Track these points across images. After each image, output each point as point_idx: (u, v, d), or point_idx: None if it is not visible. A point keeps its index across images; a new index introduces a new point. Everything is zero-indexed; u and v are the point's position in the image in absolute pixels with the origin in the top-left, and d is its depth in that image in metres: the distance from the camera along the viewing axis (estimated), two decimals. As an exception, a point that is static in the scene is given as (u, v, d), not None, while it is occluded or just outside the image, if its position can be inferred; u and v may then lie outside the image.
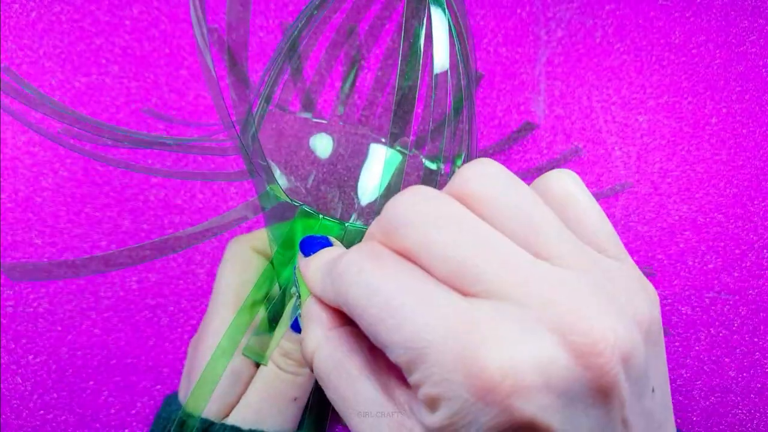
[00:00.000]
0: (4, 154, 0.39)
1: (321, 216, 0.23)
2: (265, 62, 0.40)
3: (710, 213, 0.41)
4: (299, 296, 0.20)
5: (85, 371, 0.37)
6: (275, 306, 0.30)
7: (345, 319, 0.18)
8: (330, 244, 0.21)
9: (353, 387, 0.16)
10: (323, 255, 0.20)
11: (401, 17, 0.23)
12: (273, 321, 0.30)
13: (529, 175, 0.41)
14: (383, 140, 0.31)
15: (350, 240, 0.23)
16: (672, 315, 0.40)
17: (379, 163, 0.28)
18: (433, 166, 0.30)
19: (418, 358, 0.14)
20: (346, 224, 0.22)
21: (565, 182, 0.18)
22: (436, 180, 0.30)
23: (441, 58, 0.23)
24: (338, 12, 0.29)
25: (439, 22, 0.23)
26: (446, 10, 0.23)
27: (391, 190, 0.28)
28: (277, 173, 0.31)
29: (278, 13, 0.42)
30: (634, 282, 0.16)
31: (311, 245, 0.21)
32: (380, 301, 0.15)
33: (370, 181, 0.26)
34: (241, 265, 0.29)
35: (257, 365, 0.28)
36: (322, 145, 0.32)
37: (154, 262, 0.38)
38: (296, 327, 0.27)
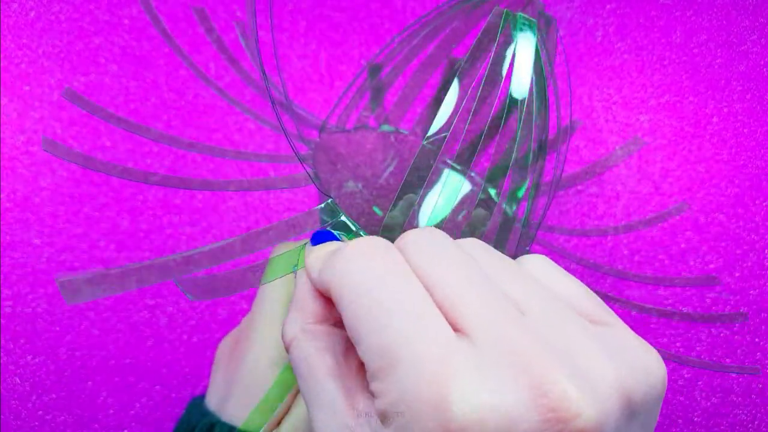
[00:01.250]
0: (3, 154, 0.39)
1: (358, 228, 0.23)
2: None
3: (711, 213, 0.41)
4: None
5: (84, 372, 0.37)
6: None
7: (327, 317, 0.19)
8: (338, 240, 0.21)
9: (317, 385, 0.17)
10: (330, 245, 0.20)
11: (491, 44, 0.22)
12: None
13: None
14: (456, 166, 0.30)
15: None
16: (673, 315, 0.40)
17: (442, 187, 0.28)
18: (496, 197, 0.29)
19: (387, 368, 0.14)
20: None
21: (540, 264, 0.18)
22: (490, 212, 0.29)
23: (519, 82, 0.22)
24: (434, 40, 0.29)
25: (526, 46, 0.22)
26: (536, 36, 0.22)
27: (452, 217, 0.28)
28: (350, 184, 0.31)
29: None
30: (626, 347, 0.16)
31: (321, 238, 0.21)
32: (373, 300, 0.15)
33: (430, 205, 0.25)
34: (287, 275, 0.28)
35: None
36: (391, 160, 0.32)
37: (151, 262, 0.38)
38: None
